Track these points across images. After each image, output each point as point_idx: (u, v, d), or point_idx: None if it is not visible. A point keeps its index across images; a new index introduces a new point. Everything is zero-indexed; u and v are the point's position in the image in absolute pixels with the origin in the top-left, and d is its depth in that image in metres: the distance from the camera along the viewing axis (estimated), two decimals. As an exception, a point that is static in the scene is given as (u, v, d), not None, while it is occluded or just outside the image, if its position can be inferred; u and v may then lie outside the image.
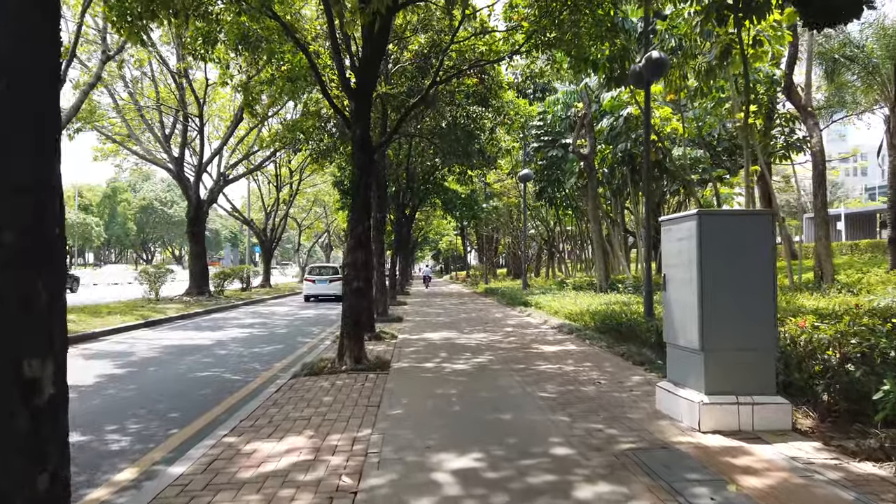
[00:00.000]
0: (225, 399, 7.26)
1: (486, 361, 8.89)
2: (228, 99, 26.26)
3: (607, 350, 9.67)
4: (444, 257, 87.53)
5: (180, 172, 23.13)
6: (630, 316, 10.95)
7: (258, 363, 10.10)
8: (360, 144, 8.71)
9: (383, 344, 11.09)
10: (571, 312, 14.07)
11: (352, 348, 8.39)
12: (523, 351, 9.89)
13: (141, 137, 25.48)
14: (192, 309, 20.03)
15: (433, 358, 9.35)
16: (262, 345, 12.37)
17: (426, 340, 11.64)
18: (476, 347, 10.48)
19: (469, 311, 19.13)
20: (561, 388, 6.84)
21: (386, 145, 15.48)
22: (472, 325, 14.47)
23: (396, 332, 13.04)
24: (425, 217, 49.33)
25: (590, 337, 10.99)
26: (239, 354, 11.04)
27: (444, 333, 12.82)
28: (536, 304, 18.01)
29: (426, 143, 22.59)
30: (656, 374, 7.53)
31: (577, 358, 8.98)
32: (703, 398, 4.97)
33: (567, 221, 35.42)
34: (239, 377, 8.82)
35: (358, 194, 8.56)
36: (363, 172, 8.64)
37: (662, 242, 5.73)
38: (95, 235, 73.77)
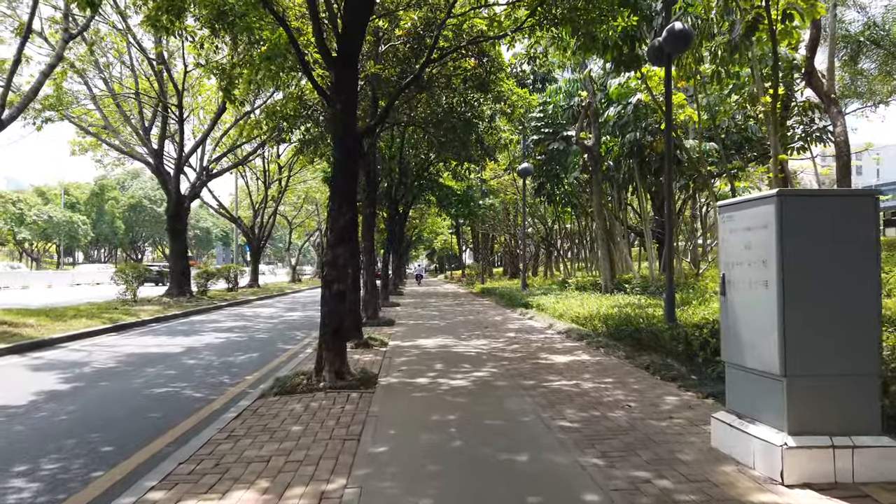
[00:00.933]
0: (177, 425, 5.99)
1: (489, 375, 7.65)
2: (214, 91, 24.94)
3: (627, 361, 8.44)
4: (439, 256, 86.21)
5: (159, 166, 21.78)
6: (649, 321, 9.74)
7: (228, 375, 8.83)
8: (342, 122, 7.43)
9: (371, 353, 9.83)
10: (579, 316, 12.85)
11: (332, 361, 7.13)
12: (530, 362, 8.65)
13: (119, 129, 24.11)
14: (169, 311, 18.71)
15: (427, 371, 8.09)
16: (237, 353, 11.09)
17: (420, 348, 10.38)
18: (476, 357, 9.23)
19: (466, 314, 17.89)
20: (583, 413, 5.60)
21: (375, 131, 14.22)
22: (469, 330, 13.22)
23: (387, 337, 11.78)
24: (419, 215, 48.09)
25: (604, 345, 9.77)
26: (208, 365, 9.77)
27: (440, 340, 11.57)
28: (538, 305, 16.78)
29: (420, 135, 21.35)
30: (694, 394, 6.30)
31: (595, 371, 7.75)
32: (786, 439, 3.74)
33: (566, 219, 34.21)
34: (201, 394, 7.55)
35: (340, 181, 7.29)
36: (346, 155, 7.37)
37: (721, 234, 4.49)
38: (82, 234, 72.04)
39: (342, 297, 7.35)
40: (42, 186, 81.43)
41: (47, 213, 67.72)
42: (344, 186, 7.34)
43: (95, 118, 23.30)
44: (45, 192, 79.04)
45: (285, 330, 14.89)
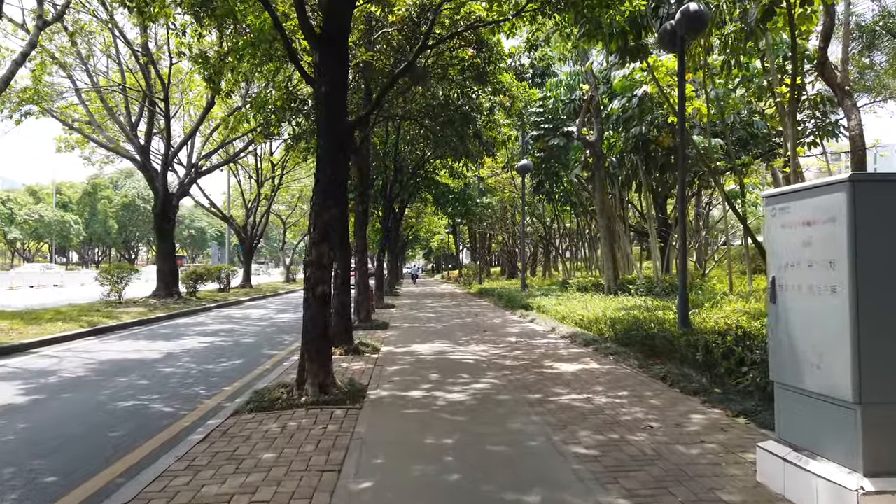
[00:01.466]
0: (136, 448, 5.26)
1: (490, 387, 6.92)
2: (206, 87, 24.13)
3: (640, 371, 7.72)
4: (436, 256, 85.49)
5: (146, 163, 21.00)
6: (661, 326, 9.03)
7: (205, 386, 8.10)
8: (327, 107, 6.70)
9: (361, 360, 9.10)
10: (583, 319, 12.15)
11: (315, 373, 6.39)
12: (535, 371, 7.93)
13: (105, 124, 23.33)
14: (154, 313, 17.95)
15: (422, 382, 7.36)
16: (220, 359, 10.35)
17: (414, 355, 9.66)
18: (475, 365, 8.51)
19: (463, 316, 17.17)
20: (600, 436, 4.88)
21: (368, 122, 13.50)
22: (467, 334, 12.50)
23: (380, 342, 11.06)
24: (416, 214, 47.37)
25: (612, 351, 9.05)
26: (186, 373, 9.03)
27: (436, 345, 10.85)
28: (539, 307, 16.08)
29: (416, 130, 20.62)
30: (722, 412, 5.59)
31: (607, 383, 7.03)
32: (862, 483, 3.02)
33: (565, 217, 33.51)
34: (172, 408, 6.82)
35: (325, 171, 6.56)
36: (331, 143, 6.64)
37: (770, 229, 3.78)
38: (74, 234, 71.10)
39: (326, 301, 6.61)
40: (34, 186, 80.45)
41: (38, 212, 66.76)
42: (329, 177, 6.60)
43: (82, 114, 22.52)
44: (38, 192, 78.07)
45: (274, 334, 14.14)
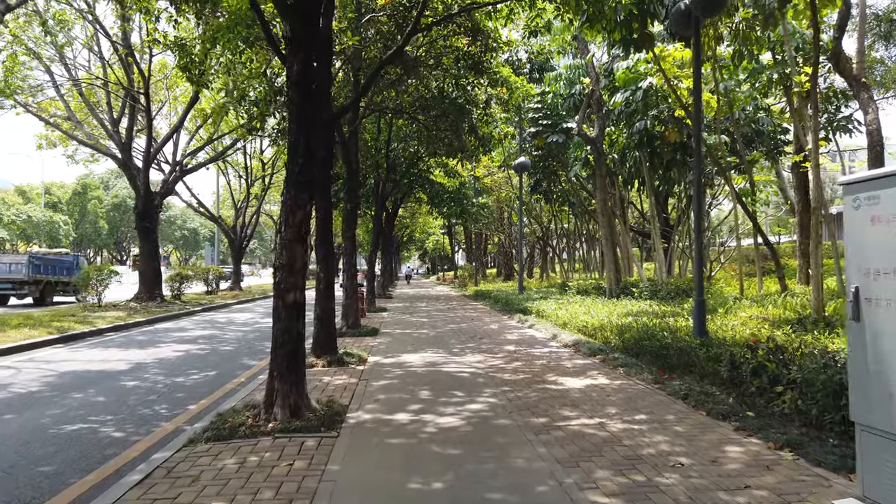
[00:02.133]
0: (55, 496, 4.37)
1: (488, 409, 6.06)
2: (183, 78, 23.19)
3: (656, 387, 6.87)
4: (431, 257, 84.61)
5: (127, 160, 20.08)
6: (675, 335, 8.20)
7: (167, 404, 7.23)
8: (300, 87, 5.81)
9: (345, 373, 8.23)
10: (586, 325, 11.31)
11: (285, 394, 5.53)
12: (538, 387, 7.07)
13: (88, 121, 22.42)
14: (133, 318, 17.04)
15: (410, 401, 6.50)
16: (192, 371, 9.47)
17: (404, 367, 8.79)
18: (470, 380, 7.65)
19: (458, 321, 16.32)
20: (621, 478, 4.02)
21: (356, 113, 12.65)
22: (463, 341, 11.65)
23: (367, 352, 10.19)
24: (410, 214, 46.52)
25: (622, 363, 8.21)
26: (150, 388, 8.15)
27: (428, 354, 9.99)
28: (538, 312, 15.23)
29: (409, 128, 19.76)
30: (761, 442, 4.74)
31: (620, 403, 6.18)
32: None
33: (563, 218, 32.72)
34: (122, 433, 5.95)
35: (296, 161, 5.69)
36: (304, 130, 5.76)
37: (851, 225, 2.94)
38: (63, 234, 69.88)
39: (299, 311, 5.74)
40: (23, 185, 79.22)
41: (26, 212, 65.56)
42: (302, 167, 5.73)
43: (61, 109, 21.59)
44: (27, 192, 76.85)
45: (256, 340, 13.25)
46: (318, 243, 9.41)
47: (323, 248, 9.35)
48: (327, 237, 9.36)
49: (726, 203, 36.48)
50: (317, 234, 9.45)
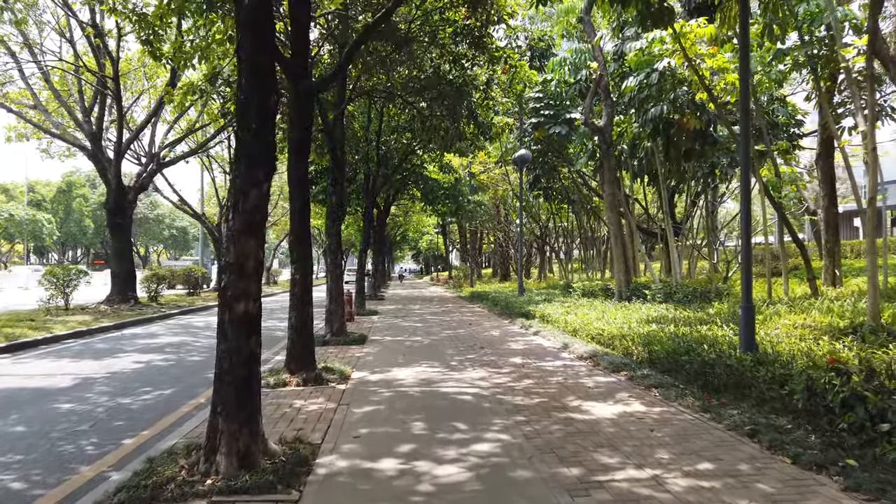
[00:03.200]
0: None
1: (500, 451, 4.68)
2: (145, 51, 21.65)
3: (706, 417, 5.50)
4: (425, 257, 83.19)
5: (97, 152, 18.59)
6: (718, 349, 6.85)
7: (99, 436, 5.85)
8: (250, 29, 4.39)
9: (322, 395, 6.83)
10: (602, 333, 9.94)
11: (233, 437, 4.13)
12: (559, 417, 5.69)
13: (57, 111, 20.92)
14: (99, 322, 15.58)
15: (400, 439, 5.11)
16: (146, 388, 8.06)
17: (393, 386, 7.40)
18: (475, 406, 6.26)
19: (455, 326, 14.93)
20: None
21: (339, 93, 11.27)
22: (461, 352, 10.26)
23: (352, 365, 8.80)
24: (403, 212, 45.12)
25: (655, 382, 6.84)
26: (87, 413, 6.74)
27: (422, 368, 8.60)
28: (542, 316, 13.87)
29: (401, 118, 18.38)
30: (892, 513, 3.39)
31: (671, 442, 4.80)
32: None
33: (563, 216, 31.39)
34: (23, 484, 4.60)
35: (249, 127, 4.29)
36: (258, 85, 4.35)
37: None
38: (47, 233, 68.06)
39: (251, 326, 4.34)
40: (7, 183, 77.32)
41: (8, 211, 63.71)
42: (257, 134, 4.32)
43: (28, 98, 20.08)
44: (10, 190, 74.99)
45: (229, 349, 11.83)
46: (294, 240, 8.01)
47: (299, 245, 7.95)
48: (304, 233, 7.96)
49: (729, 202, 35.15)
50: (292, 229, 8.05)
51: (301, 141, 7.83)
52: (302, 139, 7.86)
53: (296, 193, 7.86)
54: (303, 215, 7.92)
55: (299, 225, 7.92)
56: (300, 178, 7.87)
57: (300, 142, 7.84)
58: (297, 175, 7.86)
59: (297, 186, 7.83)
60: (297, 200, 7.87)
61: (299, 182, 7.83)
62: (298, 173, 7.86)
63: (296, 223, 7.94)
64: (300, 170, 7.87)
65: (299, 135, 7.79)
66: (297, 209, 7.88)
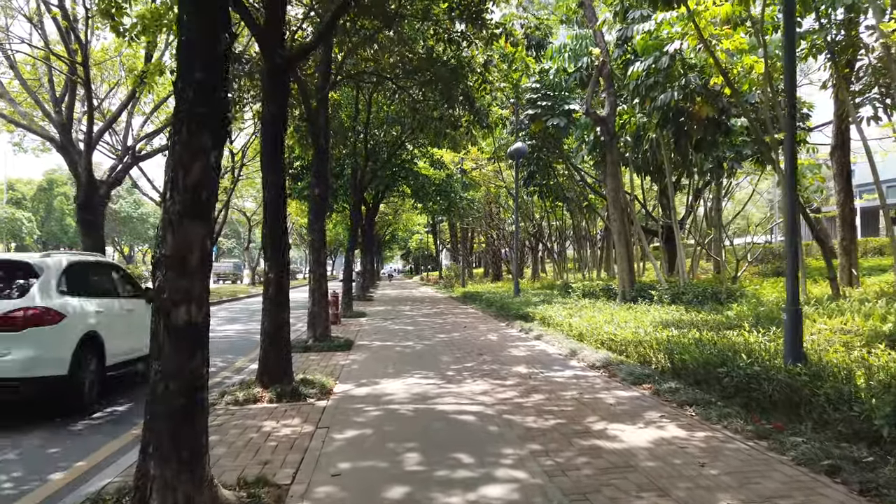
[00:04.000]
0: None
1: (520, 500, 3.67)
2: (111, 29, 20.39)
3: (763, 445, 4.52)
4: (415, 256, 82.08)
5: (66, 143, 17.38)
6: (760, 359, 5.90)
7: (21, 469, 4.78)
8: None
9: (298, 415, 5.80)
10: (615, 339, 8.96)
11: (166, 489, 3.11)
12: (582, 445, 4.70)
13: (25, 101, 19.70)
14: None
15: (389, 478, 4.08)
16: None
17: (381, 403, 6.38)
18: (479, 429, 5.25)
19: (449, 329, 13.92)
20: None
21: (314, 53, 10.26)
22: (458, 359, 9.26)
23: (335, 375, 7.78)
24: (393, 211, 44.07)
25: (687, 399, 5.85)
26: (9, 442, 5.67)
27: (415, 380, 7.58)
28: (543, 319, 12.90)
29: (389, 107, 17.38)
30: None
31: (733, 483, 3.79)
32: None
33: (557, 214, 30.47)
34: None
35: (192, 79, 3.28)
36: (203, 27, 3.34)
37: None
38: (27, 232, 66.27)
39: (196, 339, 3.32)
40: (-15, 182, 75.30)
41: (-14, 209, 61.97)
42: (200, 88, 3.30)
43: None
44: (-11, 188, 73.02)
45: (201, 356, 10.76)
46: (267, 233, 6.97)
47: (273, 239, 6.91)
48: (278, 225, 6.93)
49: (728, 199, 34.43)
50: (265, 220, 7.01)
51: (275, 119, 6.80)
52: (276, 117, 6.83)
53: (269, 179, 6.83)
54: (277, 205, 6.89)
55: (273, 216, 6.88)
56: (274, 162, 6.84)
57: (274, 121, 6.81)
58: (271, 158, 6.83)
59: (271, 170, 6.80)
60: (271, 188, 6.84)
61: (273, 165, 6.80)
62: (271, 156, 6.83)
63: (269, 214, 6.90)
64: (273, 153, 6.84)
65: (273, 111, 6.76)
66: (270, 197, 6.85)
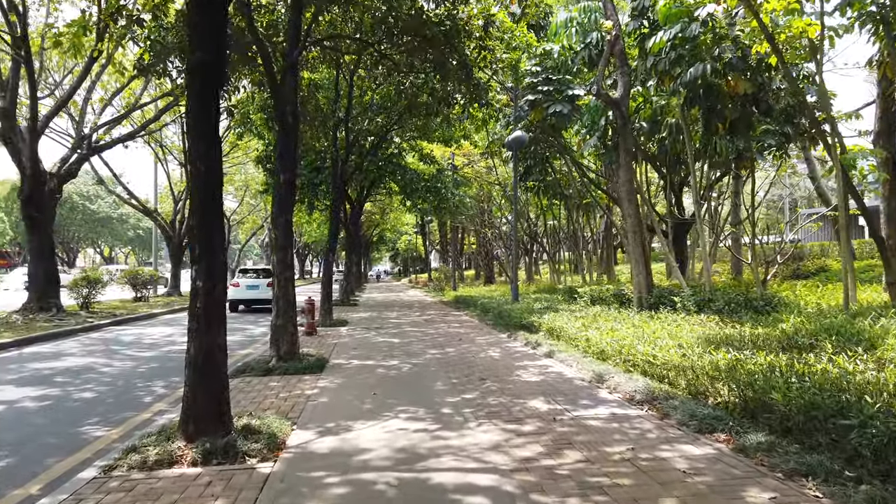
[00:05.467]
0: None
1: None
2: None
3: None
4: (403, 258, 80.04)
5: (8, 131, 15.36)
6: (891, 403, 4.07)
7: None
8: None
9: (223, 497, 3.88)
10: (654, 362, 7.11)
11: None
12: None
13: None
14: (-5, 338, 12.43)
15: None
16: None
17: (350, 471, 4.46)
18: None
19: (442, 342, 12.02)
20: None
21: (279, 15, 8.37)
22: (456, 386, 7.37)
23: (295, 414, 5.86)
24: (381, 210, 42.16)
25: (801, 465, 4.03)
26: None
27: (401, 425, 5.67)
28: (550, 330, 11.05)
29: (373, 89, 15.51)
30: None
31: None
32: None
33: (555, 212, 28.69)
34: None
35: None
36: None
37: None
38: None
39: None
40: (-45, 183, 72.37)
41: (-47, 210, 59.25)
42: None
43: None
44: (-41, 190, 70.09)
45: (144, 378, 8.78)
46: (197, 225, 5.03)
47: (203, 236, 4.98)
48: (212, 216, 5.02)
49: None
50: (193, 208, 5.08)
51: (203, 67, 4.89)
52: (208, 66, 4.92)
53: (197, 148, 4.91)
54: (209, 188, 4.98)
55: (203, 202, 4.96)
56: (202, 126, 4.92)
57: (205, 70, 4.90)
58: (198, 119, 4.92)
59: (199, 137, 4.89)
60: (200, 162, 4.93)
61: (200, 131, 4.88)
62: (199, 117, 4.92)
63: (197, 200, 4.98)
64: (203, 114, 4.93)
65: (200, 58, 4.86)
66: (198, 176, 4.93)
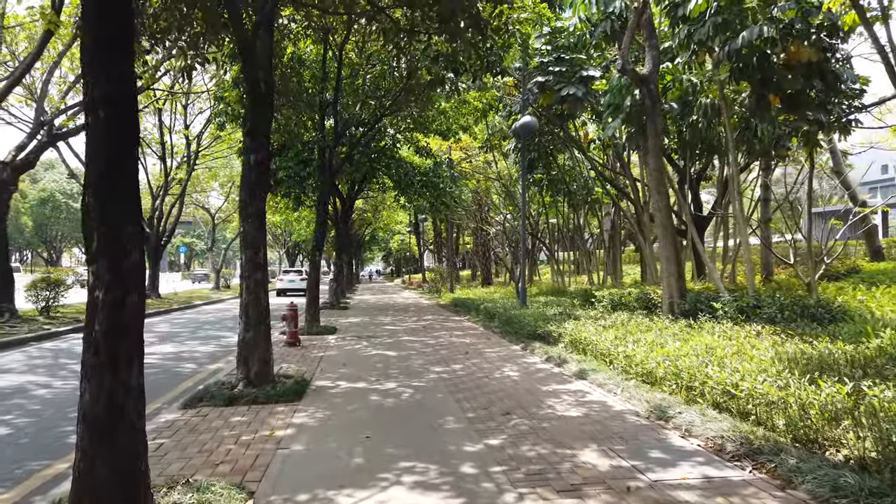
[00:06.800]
0: None
1: None
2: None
3: None
4: (396, 258, 78.19)
5: (-48, 113, 13.52)
6: None
7: None
8: None
9: None
10: (737, 394, 5.42)
11: None
12: None
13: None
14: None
15: None
16: None
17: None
18: None
19: (446, 357, 10.29)
20: None
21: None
22: (475, 425, 5.66)
23: (260, 468, 4.11)
24: (373, 209, 40.39)
25: None
26: None
27: (406, 499, 3.96)
28: (574, 342, 9.34)
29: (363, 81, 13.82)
30: None
31: None
32: None
33: (558, 209, 27.06)
34: None
35: None
36: None
37: None
38: (-23, 232, 61.30)
39: None
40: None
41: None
42: None
43: None
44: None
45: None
46: (95, 204, 3.28)
47: (106, 212, 3.24)
48: (128, 199, 3.28)
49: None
50: (89, 177, 3.32)
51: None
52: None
53: (98, 93, 3.17)
54: (111, 136, 3.24)
55: (108, 164, 3.23)
56: (105, 66, 3.19)
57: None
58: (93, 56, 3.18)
59: (99, 67, 3.15)
60: (102, 105, 3.19)
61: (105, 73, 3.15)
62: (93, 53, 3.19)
63: (97, 165, 3.25)
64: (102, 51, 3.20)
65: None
66: (98, 120, 3.20)
